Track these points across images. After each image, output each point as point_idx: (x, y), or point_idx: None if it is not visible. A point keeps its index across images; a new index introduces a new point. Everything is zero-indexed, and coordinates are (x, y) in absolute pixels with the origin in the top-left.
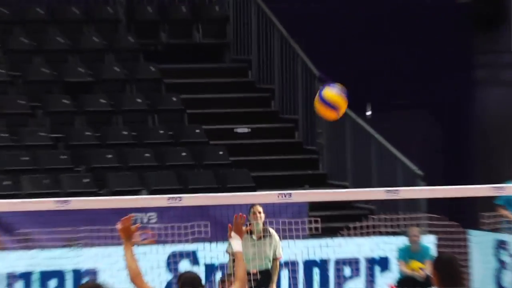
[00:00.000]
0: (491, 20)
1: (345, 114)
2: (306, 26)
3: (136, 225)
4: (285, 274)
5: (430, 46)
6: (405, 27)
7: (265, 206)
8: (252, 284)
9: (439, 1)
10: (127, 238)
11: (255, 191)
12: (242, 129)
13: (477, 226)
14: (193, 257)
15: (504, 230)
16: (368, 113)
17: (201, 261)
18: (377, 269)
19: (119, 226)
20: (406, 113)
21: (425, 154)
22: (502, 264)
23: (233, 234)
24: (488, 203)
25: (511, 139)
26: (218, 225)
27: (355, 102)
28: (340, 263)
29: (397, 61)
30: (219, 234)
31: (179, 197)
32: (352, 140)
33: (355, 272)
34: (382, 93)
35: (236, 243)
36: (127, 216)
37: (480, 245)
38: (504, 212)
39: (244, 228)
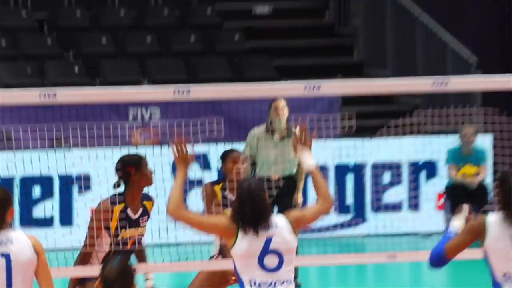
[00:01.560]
0: None
1: None
2: None
3: (193, 152)
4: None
5: None
6: None
7: (290, 100)
8: (274, 192)
9: None
10: (183, 166)
11: (277, 81)
12: (262, 8)
13: None
14: (204, 160)
15: None
16: None
17: (213, 164)
18: (422, 174)
19: (174, 152)
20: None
21: (480, 37)
22: None
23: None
24: None
25: None
26: (233, 123)
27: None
28: (379, 167)
29: None
30: (234, 133)
31: (187, 89)
32: (394, 21)
33: (396, 178)
34: None
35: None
36: (180, 139)
37: None
38: None
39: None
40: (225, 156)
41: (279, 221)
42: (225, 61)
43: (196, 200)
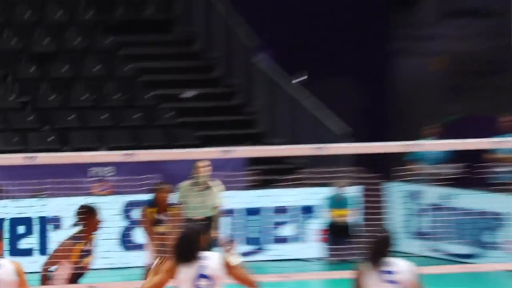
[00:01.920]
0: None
1: (281, 79)
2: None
3: None
4: (227, 220)
5: (357, 22)
6: (336, 7)
7: (209, 161)
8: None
9: None
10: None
11: (200, 148)
12: (188, 94)
13: (392, 178)
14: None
15: (416, 181)
16: (302, 78)
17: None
18: (306, 216)
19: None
20: (336, 79)
21: (351, 117)
22: (415, 211)
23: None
24: (402, 157)
25: (423, 102)
26: (168, 178)
27: (291, 68)
28: (275, 211)
29: (329, 35)
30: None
31: (133, 153)
32: (287, 102)
33: (288, 219)
34: (316, 62)
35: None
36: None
37: (395, 194)
38: (417, 166)
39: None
40: (157, 189)
41: (214, 256)
42: (161, 133)
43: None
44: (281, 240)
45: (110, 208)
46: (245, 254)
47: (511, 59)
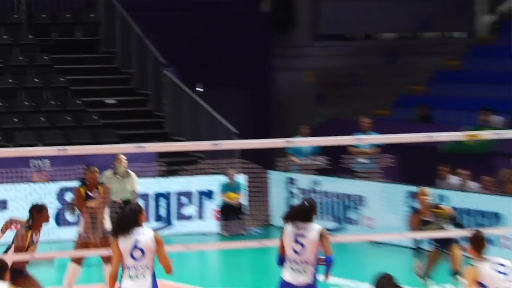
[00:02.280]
0: (285, 24)
1: (182, 89)
2: (156, 26)
3: None
4: (141, 202)
5: (245, 43)
6: (228, 31)
7: (127, 154)
8: (118, 210)
9: (249, 10)
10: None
11: (119, 144)
12: (110, 101)
13: (274, 168)
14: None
15: (292, 170)
16: (200, 89)
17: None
18: (205, 198)
19: None
20: (228, 89)
21: (240, 119)
22: (291, 194)
23: None
24: (282, 151)
25: (298, 109)
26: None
27: (190, 81)
28: (180, 195)
29: (222, 54)
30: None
31: (65, 148)
32: (189, 107)
33: (190, 200)
34: (211, 75)
35: None
36: None
37: (276, 181)
38: (293, 158)
39: None
40: (87, 171)
41: (148, 232)
42: (88, 133)
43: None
44: (185, 218)
45: (47, 192)
46: (155, 229)
47: (366, 74)
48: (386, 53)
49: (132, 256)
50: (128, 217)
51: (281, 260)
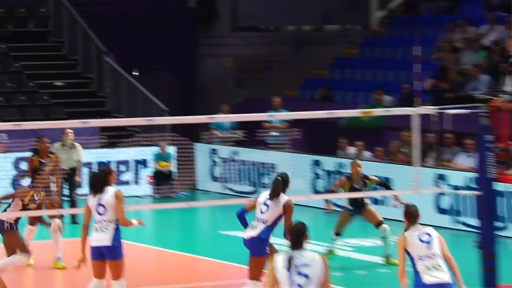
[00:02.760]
0: (208, 17)
1: (120, 73)
2: (98, 19)
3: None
4: (85, 170)
5: (175, 33)
6: (160, 23)
7: (73, 129)
8: (66, 177)
9: (177, 6)
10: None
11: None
12: (59, 83)
13: (199, 140)
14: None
15: (215, 142)
16: (136, 73)
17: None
18: (140, 166)
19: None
20: (159, 73)
21: (170, 99)
22: (214, 162)
23: None
24: (206, 126)
25: (220, 90)
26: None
27: (128, 66)
28: (119, 163)
29: (155, 42)
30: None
31: (19, 123)
32: (126, 89)
33: (127, 168)
34: (146, 61)
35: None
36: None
37: (201, 151)
38: (215, 132)
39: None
40: (39, 141)
41: (111, 190)
42: (40, 110)
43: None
44: (123, 183)
45: (4, 162)
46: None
47: (277, 61)
48: (294, 42)
49: (97, 212)
50: (99, 178)
51: (242, 213)
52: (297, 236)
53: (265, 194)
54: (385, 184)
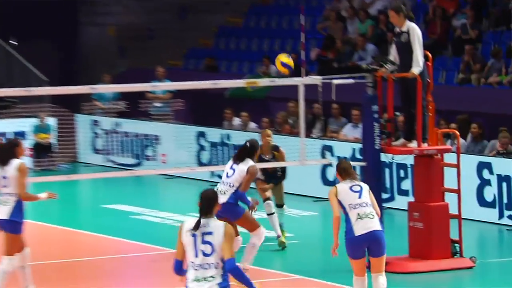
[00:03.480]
0: None
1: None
2: None
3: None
4: None
5: (54, 1)
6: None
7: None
8: None
9: None
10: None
11: None
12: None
13: (80, 111)
14: None
15: (96, 113)
16: (14, 42)
17: None
18: (19, 138)
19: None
20: (38, 42)
21: (50, 68)
22: (96, 134)
23: None
24: (87, 97)
25: (101, 59)
26: None
27: (5, 35)
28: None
29: (35, 11)
30: None
31: None
32: (3, 58)
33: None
34: (24, 30)
35: None
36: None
37: (82, 123)
38: (97, 103)
39: None
40: None
41: (16, 162)
42: None
43: None
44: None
45: None
46: None
47: (160, 29)
48: (178, 10)
49: (2, 184)
50: (4, 149)
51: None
52: (207, 203)
53: (230, 163)
54: (284, 169)
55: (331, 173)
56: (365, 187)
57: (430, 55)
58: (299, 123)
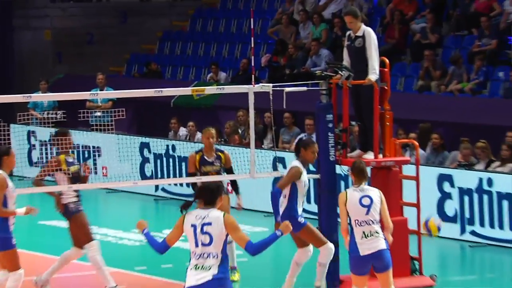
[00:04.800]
0: None
1: None
2: None
3: None
4: None
5: None
6: None
7: None
8: None
9: None
10: None
11: None
12: None
13: (15, 121)
14: None
15: (33, 123)
16: None
17: None
18: None
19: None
20: None
21: None
22: (32, 146)
23: None
24: (23, 106)
25: (37, 66)
26: None
27: None
28: None
29: None
30: None
31: None
32: None
33: None
34: None
35: None
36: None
37: (17, 134)
38: (33, 112)
39: None
40: None
41: None
42: None
43: None
44: None
45: None
46: None
47: (101, 33)
48: (119, 14)
49: None
50: None
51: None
52: (211, 194)
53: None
54: (231, 169)
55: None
56: (376, 199)
57: (387, 61)
58: (249, 133)
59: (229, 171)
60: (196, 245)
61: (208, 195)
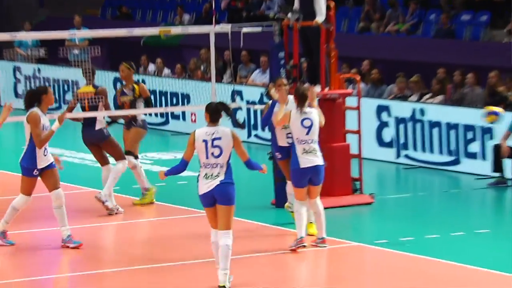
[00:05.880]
0: None
1: None
2: None
3: None
4: None
5: None
6: None
7: None
8: None
9: None
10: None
11: None
12: None
13: (1, 57)
14: None
15: (18, 60)
16: None
17: None
18: None
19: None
20: None
21: None
22: (17, 80)
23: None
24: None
25: (22, 8)
26: None
27: None
28: None
29: None
30: None
31: None
32: None
33: None
34: None
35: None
36: None
37: (4, 69)
38: (18, 49)
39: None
40: None
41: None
42: None
43: None
44: None
45: None
46: None
47: None
48: None
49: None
50: (30, 95)
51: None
52: (214, 113)
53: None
54: (148, 100)
55: (241, 117)
56: (316, 120)
57: (333, 4)
58: (210, 69)
59: (147, 100)
60: (207, 157)
61: (214, 114)
